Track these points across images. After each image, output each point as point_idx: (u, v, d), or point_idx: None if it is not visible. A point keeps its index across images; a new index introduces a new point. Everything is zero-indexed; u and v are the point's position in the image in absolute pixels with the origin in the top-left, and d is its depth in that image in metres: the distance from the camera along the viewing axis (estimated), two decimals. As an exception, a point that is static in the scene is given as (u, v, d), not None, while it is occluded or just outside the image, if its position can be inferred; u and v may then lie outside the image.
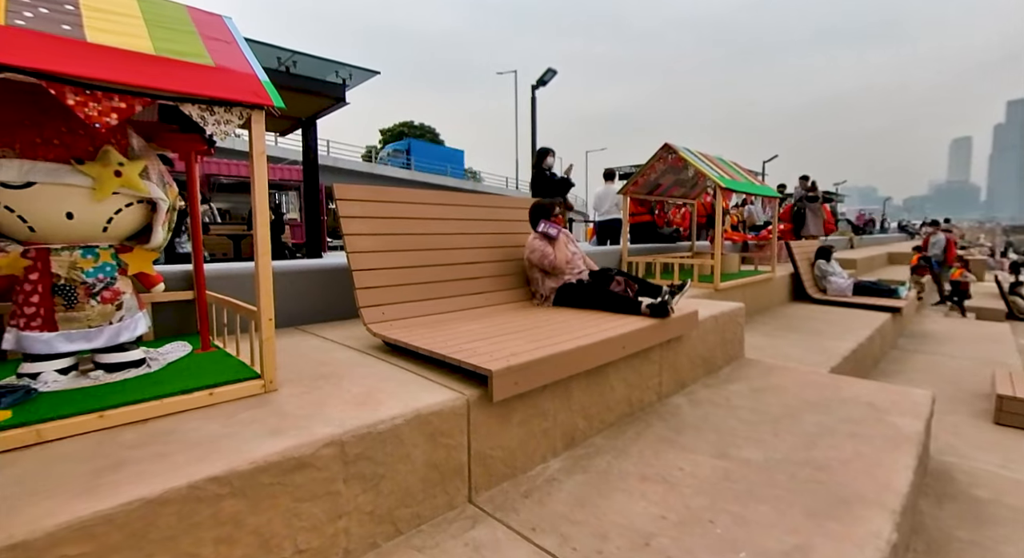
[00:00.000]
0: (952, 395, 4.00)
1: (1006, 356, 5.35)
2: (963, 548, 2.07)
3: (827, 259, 6.64)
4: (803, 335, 4.54)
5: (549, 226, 3.18)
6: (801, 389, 2.87)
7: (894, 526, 1.58)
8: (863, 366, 4.35)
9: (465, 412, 1.69)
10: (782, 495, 1.75)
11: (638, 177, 5.20)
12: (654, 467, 1.95)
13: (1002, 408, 3.43)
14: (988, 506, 2.38)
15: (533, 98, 10.94)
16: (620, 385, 2.38)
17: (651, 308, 2.57)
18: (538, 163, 5.58)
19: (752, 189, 5.27)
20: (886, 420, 2.43)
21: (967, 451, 3.00)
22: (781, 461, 2.00)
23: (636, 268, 5.16)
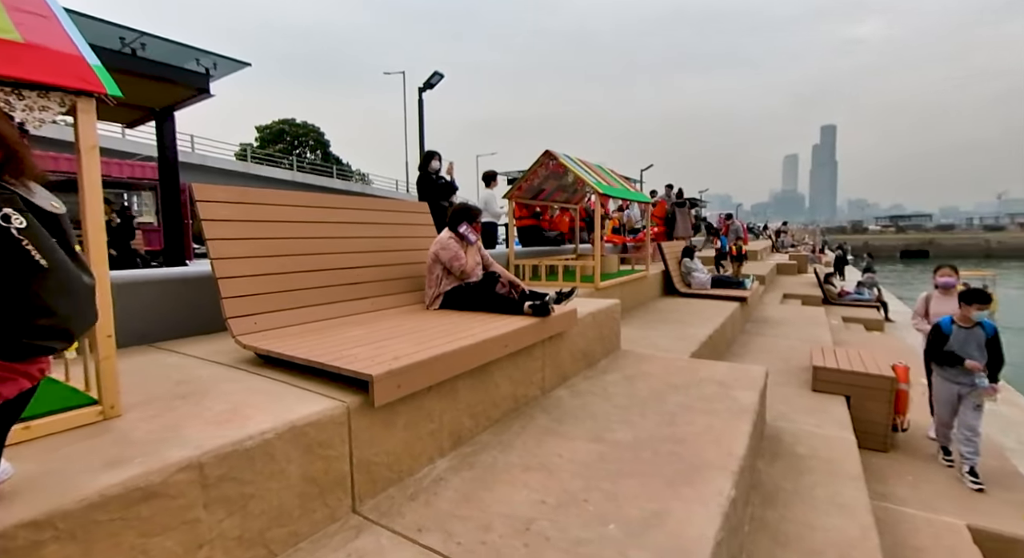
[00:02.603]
0: (783, 369, 4.75)
1: (822, 334, 6.49)
2: (788, 496, 2.48)
3: (691, 257, 7.49)
4: (671, 326, 5.08)
5: (470, 231, 3.27)
6: (666, 374, 3.21)
7: (733, 484, 1.85)
8: (718, 349, 4.99)
9: (345, 420, 1.65)
10: (647, 469, 1.96)
11: (522, 182, 5.42)
12: (537, 457, 2.07)
13: (817, 377, 4.16)
14: (806, 460, 2.87)
15: (420, 100, 10.84)
16: (505, 382, 2.47)
17: (533, 308, 2.71)
18: (423, 166, 5.56)
19: (627, 195, 5.77)
20: (731, 395, 2.82)
21: (793, 416, 3.59)
22: (647, 439, 2.23)
23: (523, 271, 5.36)
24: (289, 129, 39.51)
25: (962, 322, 3.61)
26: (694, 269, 7.25)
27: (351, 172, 39.34)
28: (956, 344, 3.58)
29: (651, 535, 1.53)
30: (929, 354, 3.79)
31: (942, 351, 3.63)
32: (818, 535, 2.17)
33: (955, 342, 3.58)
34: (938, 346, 3.66)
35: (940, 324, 3.70)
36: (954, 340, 3.59)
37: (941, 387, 3.70)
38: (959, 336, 3.59)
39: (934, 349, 3.70)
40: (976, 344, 3.53)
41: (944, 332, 3.64)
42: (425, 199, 5.24)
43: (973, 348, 3.52)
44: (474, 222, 3.35)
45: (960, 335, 3.59)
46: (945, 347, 3.61)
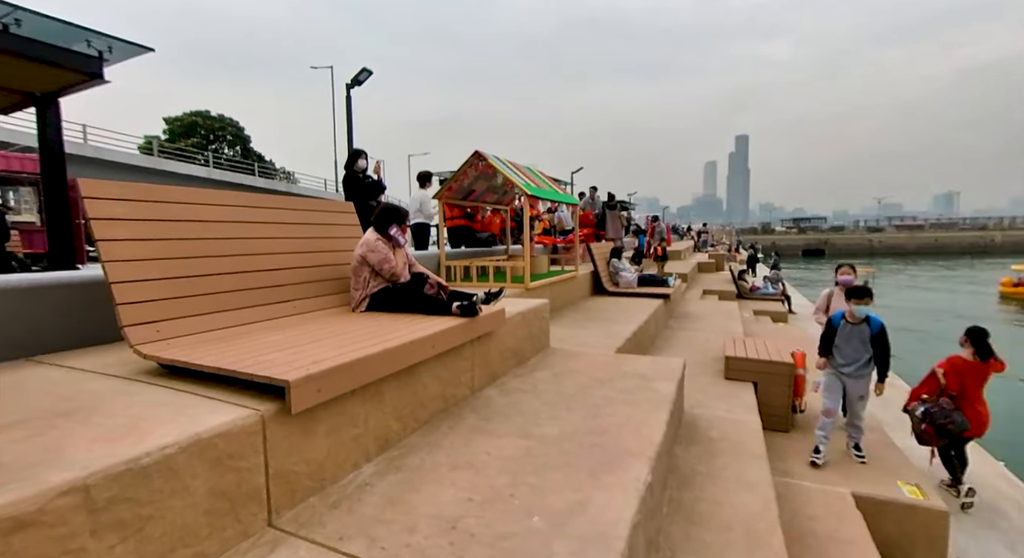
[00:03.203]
0: (701, 361, 5.09)
1: (735, 327, 7.03)
2: (702, 479, 2.66)
3: (618, 258, 7.82)
4: (599, 323, 5.28)
5: (399, 233, 3.22)
6: (592, 369, 3.34)
7: (650, 470, 1.96)
8: (643, 345, 5.25)
9: (260, 429, 1.56)
10: (571, 461, 2.03)
11: (452, 182, 5.40)
12: (464, 456, 2.07)
13: (729, 366, 4.51)
14: (718, 443, 3.10)
15: (348, 97, 10.47)
16: (433, 383, 2.46)
17: (461, 309, 2.71)
18: (349, 165, 5.38)
19: (556, 197, 5.92)
20: (652, 386, 2.98)
21: (708, 403, 3.86)
22: (573, 433, 2.31)
23: (454, 272, 5.35)
24: (203, 122, 36.65)
25: (850, 318, 3.76)
26: (622, 269, 7.58)
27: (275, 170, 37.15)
28: (841, 338, 3.76)
29: (574, 524, 1.59)
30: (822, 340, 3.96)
31: (827, 342, 3.84)
32: (727, 512, 2.35)
33: (840, 336, 3.77)
34: (827, 338, 3.85)
35: (832, 318, 3.88)
36: (839, 334, 3.77)
37: (829, 378, 3.89)
38: (844, 330, 3.76)
39: (823, 341, 3.90)
40: (860, 339, 3.69)
41: (834, 326, 3.82)
42: (352, 199, 5.08)
43: (856, 342, 3.70)
44: (403, 224, 3.30)
45: (846, 330, 3.75)
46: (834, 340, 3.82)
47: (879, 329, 3.66)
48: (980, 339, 4.09)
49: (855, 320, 3.72)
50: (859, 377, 3.71)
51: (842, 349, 3.76)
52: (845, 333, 3.74)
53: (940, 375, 4.18)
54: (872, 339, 3.65)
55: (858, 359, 3.70)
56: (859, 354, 3.69)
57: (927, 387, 4.28)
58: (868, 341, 3.66)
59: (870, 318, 3.69)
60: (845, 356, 3.75)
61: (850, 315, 3.74)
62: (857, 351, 3.70)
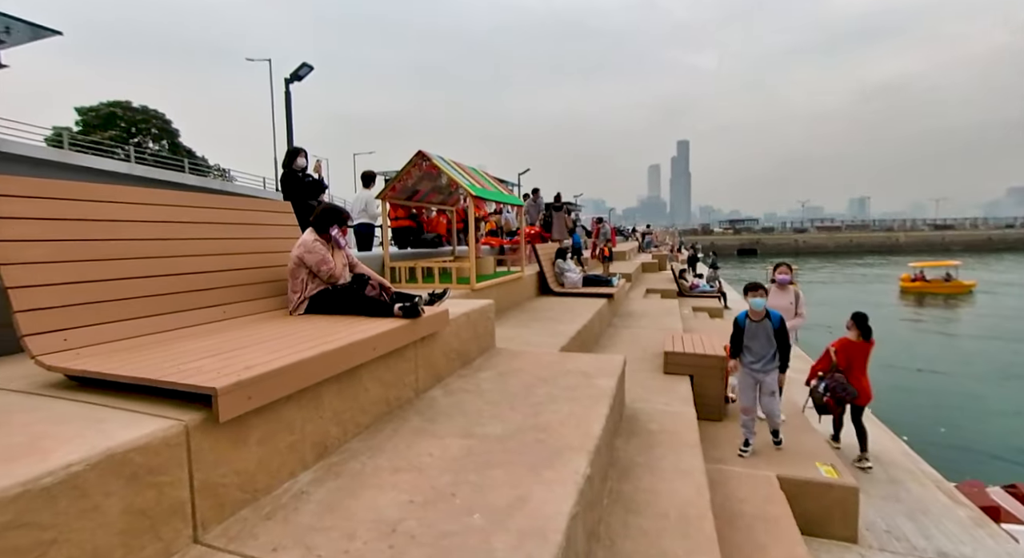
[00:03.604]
0: (642, 357, 5.30)
1: (675, 323, 7.36)
2: (641, 469, 2.77)
3: (564, 258, 7.97)
4: (544, 323, 5.37)
5: (340, 234, 3.13)
6: (537, 368, 3.39)
7: (589, 463, 2.02)
8: (587, 343, 5.39)
9: (183, 441, 1.48)
10: (513, 458, 2.06)
11: (395, 183, 5.32)
12: (407, 458, 2.05)
13: (668, 361, 4.72)
14: (656, 435, 3.24)
15: (287, 92, 10.04)
16: (375, 386, 2.42)
17: (404, 310, 2.68)
18: (288, 163, 5.17)
19: (501, 198, 5.96)
20: (593, 383, 3.07)
21: (648, 397, 4.02)
22: (515, 431, 2.34)
23: (399, 273, 5.27)
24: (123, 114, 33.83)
25: (753, 316, 3.85)
26: (567, 269, 7.74)
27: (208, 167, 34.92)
28: (748, 336, 3.86)
29: (514, 519, 1.61)
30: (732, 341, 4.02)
31: (737, 342, 3.93)
32: (663, 499, 2.46)
33: (747, 334, 3.86)
34: (736, 338, 3.93)
35: (737, 319, 3.94)
36: (747, 332, 3.87)
37: (742, 376, 3.96)
38: (750, 329, 3.85)
39: (734, 342, 3.96)
40: (765, 335, 3.80)
41: (740, 326, 3.90)
42: (290, 198, 4.89)
43: (763, 338, 3.81)
44: (344, 225, 3.22)
45: (752, 328, 3.84)
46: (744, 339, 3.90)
47: (779, 323, 3.79)
48: (863, 322, 4.75)
49: (758, 317, 3.82)
50: (769, 372, 3.81)
51: (751, 347, 3.86)
52: (751, 331, 3.84)
53: (832, 353, 4.81)
54: (775, 333, 3.78)
55: (765, 354, 3.80)
56: (765, 350, 3.80)
57: (822, 364, 4.89)
58: (772, 336, 3.78)
59: (770, 314, 3.81)
60: (754, 353, 3.85)
61: (754, 313, 3.84)
62: (764, 347, 3.80)
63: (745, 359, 3.90)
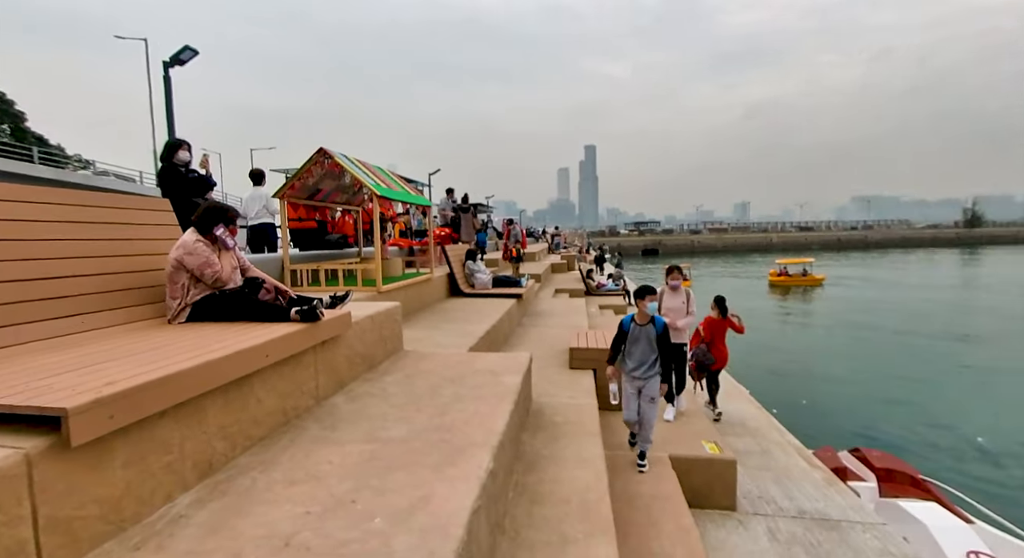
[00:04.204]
0: (550, 354, 5.50)
1: (581, 321, 7.72)
2: (545, 461, 2.88)
3: (473, 259, 8.03)
4: (454, 324, 5.37)
5: (227, 234, 2.89)
6: (444, 369, 3.40)
7: (492, 457, 2.07)
8: (496, 342, 5.49)
9: (23, 471, 1.29)
10: (417, 459, 2.05)
11: (294, 181, 5.03)
12: (304, 468, 1.96)
13: (573, 357, 4.95)
14: (561, 427, 3.39)
15: (167, 78, 9.01)
16: (269, 395, 2.28)
17: (301, 314, 2.55)
18: (168, 157, 4.66)
19: (408, 198, 5.87)
20: (500, 381, 3.15)
21: (554, 391, 4.19)
22: (420, 432, 2.33)
23: (301, 276, 4.99)
24: (-51, 91, 28.28)
25: (639, 320, 3.68)
26: (477, 271, 7.80)
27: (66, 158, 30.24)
28: (631, 341, 3.68)
29: (415, 519, 1.61)
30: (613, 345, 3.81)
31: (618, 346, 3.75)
32: (565, 487, 2.59)
33: (631, 339, 3.68)
34: (618, 342, 3.73)
35: (623, 323, 3.75)
36: (630, 337, 3.68)
37: (624, 384, 3.75)
38: (635, 333, 3.66)
39: (614, 347, 3.77)
40: (647, 340, 3.63)
41: (624, 329, 3.71)
42: (171, 195, 4.41)
43: (644, 344, 3.63)
44: (231, 224, 2.99)
45: (636, 332, 3.66)
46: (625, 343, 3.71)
47: (663, 329, 3.64)
48: (721, 303, 5.93)
49: (644, 321, 3.66)
50: (649, 379, 3.64)
51: (632, 352, 3.68)
52: (635, 335, 3.66)
53: (701, 329, 5.96)
54: (657, 339, 3.62)
55: (647, 360, 3.63)
56: (647, 356, 3.63)
57: (695, 339, 5.94)
58: (655, 341, 3.62)
59: (655, 319, 3.66)
60: (635, 359, 3.66)
61: (640, 316, 3.68)
62: (645, 353, 3.63)
63: (626, 366, 3.71)
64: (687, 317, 5.06)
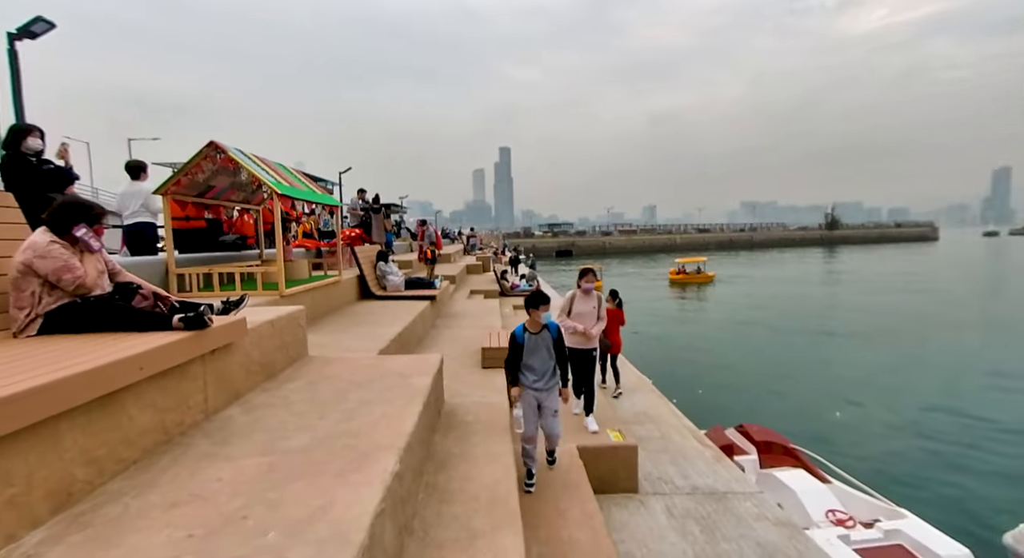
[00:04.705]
0: (463, 354, 5.52)
1: (495, 321, 7.83)
2: (456, 460, 2.90)
3: (385, 261, 7.82)
4: (365, 327, 5.20)
5: (91, 235, 2.55)
6: (352, 373, 3.29)
7: (398, 460, 2.05)
8: (409, 345, 5.40)
9: None
10: (319, 468, 1.97)
11: (180, 176, 4.58)
12: (189, 488, 1.81)
13: (485, 356, 5.01)
14: (472, 425, 3.42)
15: (12, 52, 7.72)
16: (145, 412, 2.06)
17: (185, 321, 2.34)
18: (14, 144, 4.00)
19: (314, 197, 5.58)
20: (409, 383, 3.11)
21: (466, 391, 4.22)
22: (323, 439, 2.24)
23: (190, 280, 4.55)
24: None
25: (531, 328, 3.42)
26: (389, 272, 7.61)
27: None
28: (528, 352, 3.40)
29: (314, 529, 1.55)
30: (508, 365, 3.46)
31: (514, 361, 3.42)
32: (475, 484, 2.62)
33: (527, 350, 3.40)
34: (514, 356, 3.42)
35: (515, 335, 3.45)
36: (527, 348, 3.40)
37: (524, 399, 3.41)
38: (531, 343, 3.40)
39: (511, 365, 3.43)
40: (545, 347, 3.41)
41: (518, 341, 3.42)
42: (18, 189, 3.80)
43: (543, 352, 3.41)
44: (96, 224, 2.65)
45: (532, 342, 3.40)
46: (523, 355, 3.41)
47: (557, 333, 3.47)
48: (616, 295, 6.80)
49: (537, 329, 3.42)
50: (551, 390, 3.45)
51: (531, 364, 3.42)
52: (532, 345, 3.41)
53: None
54: (554, 344, 3.44)
55: (547, 370, 3.42)
56: (546, 365, 3.42)
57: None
58: (552, 348, 3.43)
59: (548, 325, 3.45)
60: (535, 371, 3.41)
61: (532, 324, 3.43)
62: (544, 362, 3.42)
63: (526, 379, 3.42)
64: (599, 323, 4.83)
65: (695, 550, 3.39)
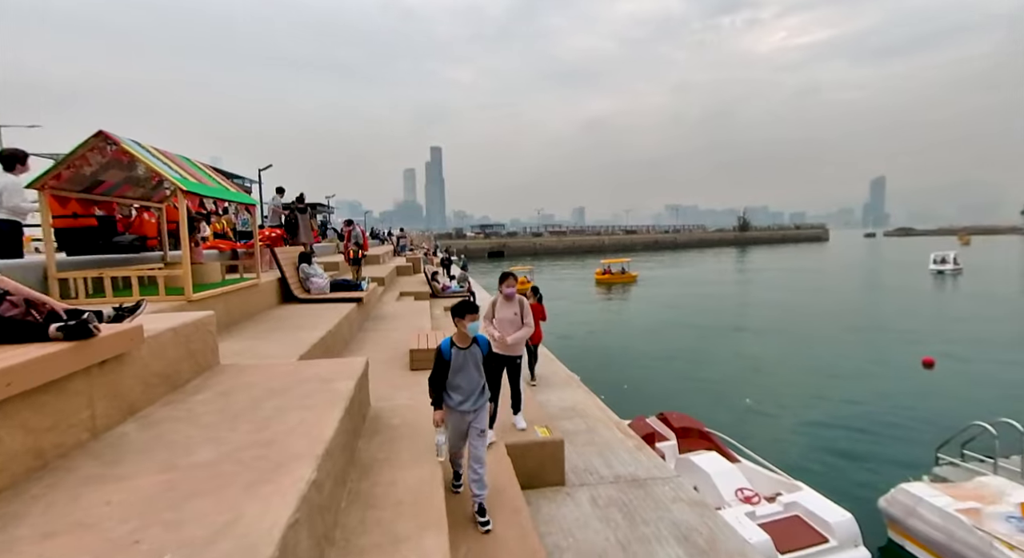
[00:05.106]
0: (391, 357, 5.41)
1: (425, 323, 7.74)
2: (381, 464, 2.84)
3: (309, 263, 7.46)
4: (285, 332, 4.94)
5: None
6: (269, 381, 3.12)
7: (316, 468, 1.98)
8: (334, 348, 5.20)
9: None
10: (227, 482, 1.85)
11: (61, 169, 4.09)
12: (69, 516, 1.63)
13: (413, 358, 4.95)
14: (398, 429, 3.37)
15: None
16: (15, 435, 1.83)
17: (64, 330, 2.10)
18: None
19: (225, 195, 5.20)
20: (331, 387, 3.00)
21: (393, 394, 4.14)
22: (233, 452, 2.11)
23: (76, 286, 4.08)
24: None
25: (459, 342, 3.05)
26: (313, 275, 7.28)
27: None
28: (455, 370, 3.04)
29: (218, 545, 1.46)
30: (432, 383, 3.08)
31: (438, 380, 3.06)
32: (400, 488, 2.58)
33: (454, 367, 3.03)
34: (439, 374, 3.05)
35: (441, 349, 3.04)
36: (453, 365, 3.03)
37: (449, 417, 3.10)
38: (459, 359, 3.03)
39: (435, 384, 3.07)
40: (474, 363, 3.08)
41: (444, 358, 3.03)
42: None
43: (472, 369, 3.07)
44: None
45: (460, 358, 3.03)
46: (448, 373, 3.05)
47: (488, 348, 3.15)
48: (536, 291, 7.22)
49: (466, 343, 3.07)
50: (479, 410, 3.13)
51: (459, 384, 3.06)
52: (459, 362, 3.04)
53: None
54: (485, 361, 3.13)
55: (475, 388, 3.10)
56: (476, 382, 3.10)
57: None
58: (481, 364, 3.12)
59: (477, 338, 3.12)
60: (463, 391, 3.07)
61: (460, 338, 3.07)
62: (473, 379, 3.09)
63: (451, 401, 3.07)
64: (520, 330, 4.41)
65: (617, 535, 3.56)
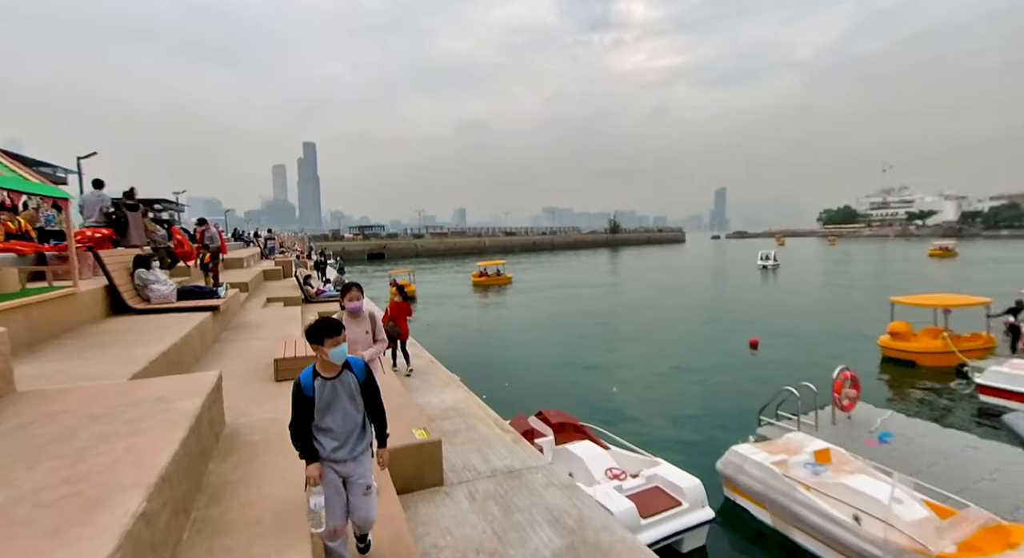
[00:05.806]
0: (254, 368, 4.94)
1: (294, 330, 7.19)
2: (234, 486, 2.59)
3: (147, 268, 6.48)
4: (113, 349, 4.23)
5: None
6: (88, 406, 2.67)
7: (146, 499, 1.75)
8: (182, 364, 4.60)
9: None
10: (21, 531, 1.56)
11: None
12: None
13: (278, 368, 4.58)
14: (259, 445, 3.10)
15: None
16: None
17: None
18: None
19: (20, 186, 4.29)
20: (172, 407, 2.66)
21: (253, 409, 3.80)
22: (31, 493, 1.78)
23: None
24: None
25: (324, 371, 2.34)
26: (152, 281, 6.34)
27: None
28: (322, 407, 2.32)
29: (5, 607, 1.23)
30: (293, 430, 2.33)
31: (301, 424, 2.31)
32: (258, 508, 2.38)
33: (321, 405, 2.32)
34: (301, 416, 2.31)
35: (301, 385, 2.31)
36: (319, 402, 2.31)
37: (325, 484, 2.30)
38: (325, 394, 2.32)
39: (299, 432, 2.32)
40: (348, 396, 2.37)
41: (305, 394, 2.30)
42: None
43: (346, 404, 2.36)
44: None
45: (326, 392, 2.32)
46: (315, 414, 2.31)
47: (365, 371, 2.44)
48: (401, 290, 7.88)
49: (333, 372, 2.36)
50: (359, 458, 2.42)
51: (329, 426, 2.34)
52: (326, 398, 2.32)
53: (388, 310, 7.70)
54: (362, 388, 2.41)
55: (353, 429, 2.39)
56: (352, 422, 2.39)
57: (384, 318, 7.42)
58: (358, 395, 2.40)
59: (350, 362, 2.41)
60: (335, 435, 2.35)
61: (324, 367, 2.35)
62: (349, 419, 2.37)
63: (323, 449, 2.34)
64: (375, 346, 4.00)
65: (493, 527, 3.67)
